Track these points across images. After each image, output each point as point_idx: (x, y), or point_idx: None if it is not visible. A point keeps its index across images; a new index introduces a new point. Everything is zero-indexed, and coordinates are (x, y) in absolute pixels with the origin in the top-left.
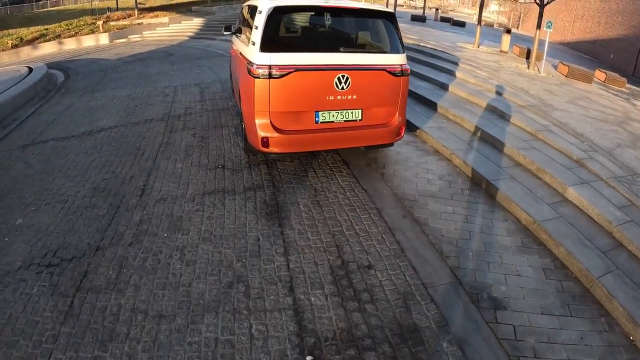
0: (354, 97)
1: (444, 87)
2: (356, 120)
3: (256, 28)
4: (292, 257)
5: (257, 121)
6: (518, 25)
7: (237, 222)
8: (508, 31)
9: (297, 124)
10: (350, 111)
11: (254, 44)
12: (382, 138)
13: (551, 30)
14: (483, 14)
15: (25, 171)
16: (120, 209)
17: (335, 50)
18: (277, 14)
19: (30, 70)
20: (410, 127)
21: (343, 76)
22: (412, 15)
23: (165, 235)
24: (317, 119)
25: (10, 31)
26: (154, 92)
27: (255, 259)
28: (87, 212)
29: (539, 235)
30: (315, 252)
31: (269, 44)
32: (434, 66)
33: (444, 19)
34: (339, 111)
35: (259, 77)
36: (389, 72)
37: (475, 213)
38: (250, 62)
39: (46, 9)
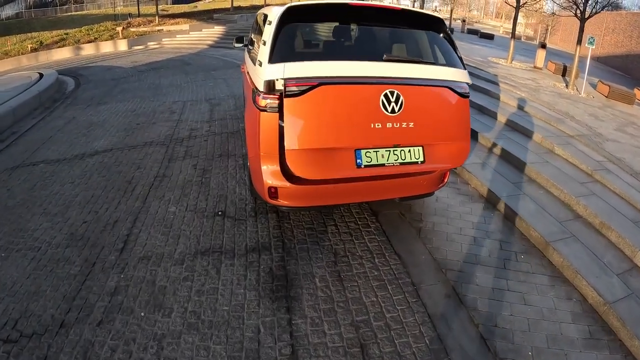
0: (411, 124)
1: (482, 110)
2: (417, 162)
3: (264, 44)
4: None
5: (263, 167)
6: (545, 38)
7: (234, 301)
8: (543, 46)
9: (328, 169)
10: (407, 149)
11: (260, 64)
12: (420, 186)
13: (593, 47)
14: (507, 26)
15: (7, 202)
16: (96, 267)
17: (376, 58)
18: (292, 18)
19: (41, 76)
20: None
21: (392, 92)
22: None
23: (143, 314)
24: (359, 160)
25: (33, 34)
26: (161, 107)
27: None
28: (58, 268)
29: (608, 321)
30: (332, 356)
31: (281, 55)
32: (471, 86)
33: (471, 31)
34: (392, 149)
35: (265, 110)
36: (455, 91)
37: (533, 289)
38: (256, 90)
39: (69, 13)
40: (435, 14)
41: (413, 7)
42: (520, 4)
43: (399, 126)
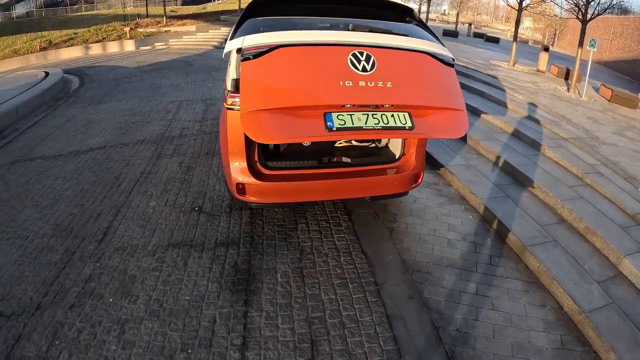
0: (389, 84)
1: (476, 112)
2: (403, 127)
3: (231, 36)
4: (251, 354)
5: (231, 164)
6: (553, 42)
7: (196, 292)
8: (546, 49)
9: (293, 131)
10: (390, 114)
11: (230, 63)
12: (391, 186)
13: (595, 50)
14: (514, 30)
15: (2, 194)
16: (75, 256)
17: (343, 29)
18: (259, 8)
19: (47, 75)
20: (434, 164)
21: (361, 53)
22: (444, 30)
23: (111, 300)
24: (329, 123)
25: (44, 33)
26: (158, 106)
27: (204, 350)
28: (42, 256)
29: (584, 331)
30: (281, 349)
31: (241, 32)
32: (466, 87)
33: (477, 35)
34: (370, 113)
35: (232, 109)
36: (436, 57)
37: (504, 294)
38: (225, 89)
39: (80, 13)
40: (406, 4)
41: (419, 9)
42: (523, 6)
43: (373, 85)
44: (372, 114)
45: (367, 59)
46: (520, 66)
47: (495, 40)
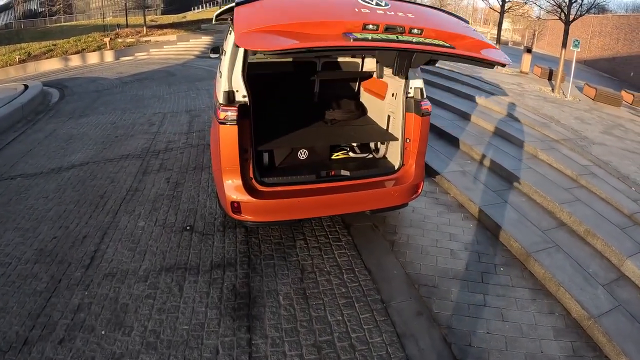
0: (410, 15)
1: (465, 116)
2: (444, 45)
3: (224, 53)
4: None
5: (225, 181)
6: (533, 43)
7: (194, 320)
8: (529, 50)
9: (303, 39)
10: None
11: (221, 75)
12: (391, 198)
13: (578, 50)
14: (494, 32)
15: None
16: (61, 284)
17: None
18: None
19: (26, 88)
20: (429, 172)
21: None
22: None
23: (103, 332)
24: (352, 35)
25: (23, 45)
26: (141, 119)
27: None
28: (26, 284)
29: (593, 336)
30: None
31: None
32: (453, 91)
33: None
34: (398, 36)
35: (224, 123)
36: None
37: (513, 304)
38: (217, 102)
39: (59, 24)
40: None
41: None
42: (505, 9)
43: (393, 14)
44: (400, 37)
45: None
46: (504, 68)
47: None
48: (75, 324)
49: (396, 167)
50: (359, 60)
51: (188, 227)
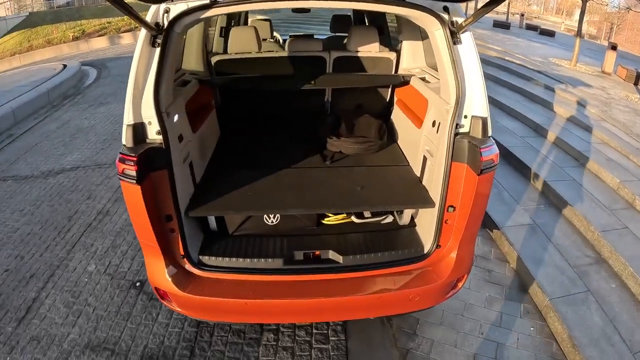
0: None
1: (539, 131)
2: None
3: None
4: None
5: (145, 258)
6: (610, 37)
7: None
8: (614, 47)
9: None
10: None
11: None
12: (412, 302)
13: None
14: (569, 23)
15: None
16: None
17: None
18: None
19: (64, 68)
20: (484, 221)
21: None
22: (494, 20)
23: None
24: None
25: (83, 22)
26: None
27: None
28: None
29: None
30: None
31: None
32: (524, 92)
33: (530, 27)
34: None
35: (123, 179)
36: None
37: None
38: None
39: None
40: None
41: None
42: None
43: None
44: None
45: None
46: (583, 66)
47: (550, 34)
48: None
49: (426, 250)
50: (393, 56)
51: (137, 284)
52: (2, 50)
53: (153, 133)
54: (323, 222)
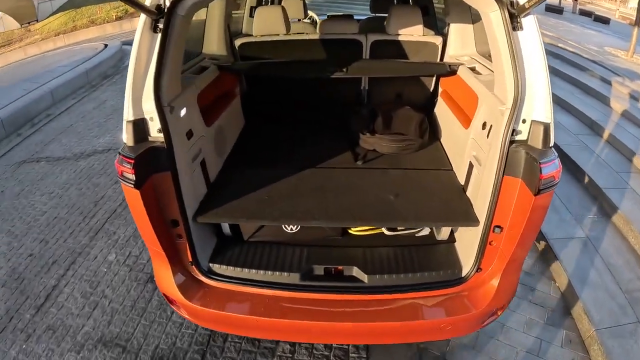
0: None
1: (595, 128)
2: None
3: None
4: None
5: (153, 263)
6: None
7: None
8: None
9: None
10: None
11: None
12: (444, 330)
13: None
14: (624, 10)
15: None
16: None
17: None
18: None
19: (105, 48)
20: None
21: None
22: (546, 5)
23: None
24: None
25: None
26: None
27: None
28: None
29: None
30: None
31: None
32: (578, 84)
33: (584, 12)
34: None
35: (124, 182)
36: None
37: None
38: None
39: None
40: None
41: None
42: None
43: None
44: None
45: None
46: None
47: (604, 21)
48: None
49: (465, 273)
50: (438, 41)
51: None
52: (47, 31)
53: (155, 130)
54: (349, 231)
